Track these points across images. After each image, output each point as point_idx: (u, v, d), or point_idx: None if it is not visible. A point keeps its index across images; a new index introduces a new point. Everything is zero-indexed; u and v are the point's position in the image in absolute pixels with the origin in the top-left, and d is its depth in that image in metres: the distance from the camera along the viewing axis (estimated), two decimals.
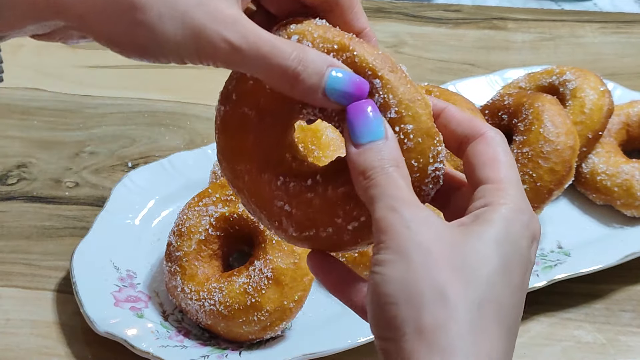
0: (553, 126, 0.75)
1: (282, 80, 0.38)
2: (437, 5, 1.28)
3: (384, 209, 0.36)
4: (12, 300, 0.74)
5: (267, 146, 0.41)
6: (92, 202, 0.86)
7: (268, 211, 0.42)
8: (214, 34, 0.37)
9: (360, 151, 0.38)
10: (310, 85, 0.38)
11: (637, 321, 0.71)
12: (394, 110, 0.39)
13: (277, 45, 0.38)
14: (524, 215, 0.38)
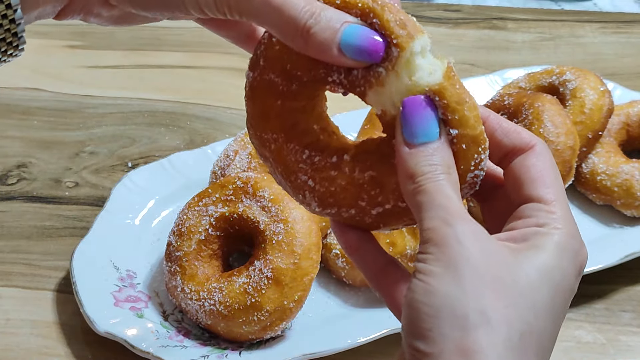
0: (553, 126, 0.75)
1: (295, 34, 0.37)
2: (437, 5, 1.28)
3: (435, 220, 0.35)
4: (12, 300, 0.74)
5: (294, 114, 0.40)
6: (92, 202, 0.86)
7: (292, 183, 0.41)
8: None
9: (412, 152, 0.37)
10: (323, 39, 0.37)
11: (637, 321, 0.71)
12: (440, 112, 0.37)
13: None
14: (575, 243, 0.37)
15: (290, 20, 0.37)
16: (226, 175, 0.75)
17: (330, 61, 0.38)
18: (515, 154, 0.40)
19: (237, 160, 0.77)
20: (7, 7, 0.36)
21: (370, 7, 0.38)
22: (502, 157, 0.40)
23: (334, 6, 0.38)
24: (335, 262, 0.72)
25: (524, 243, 0.36)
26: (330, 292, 0.73)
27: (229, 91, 1.03)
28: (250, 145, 0.78)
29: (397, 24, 0.38)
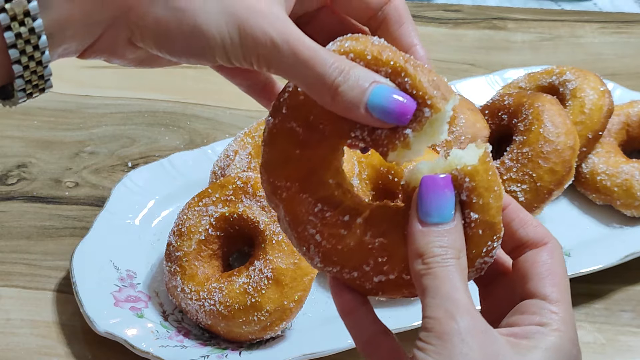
0: (553, 126, 0.75)
1: (322, 90, 0.37)
2: (437, 5, 1.28)
3: (440, 310, 0.35)
4: (12, 300, 0.74)
5: (312, 165, 0.40)
6: (92, 202, 0.86)
7: (299, 234, 0.41)
8: (256, 27, 0.36)
9: (425, 230, 0.37)
10: (351, 98, 0.36)
11: (637, 321, 0.71)
12: (465, 194, 0.37)
13: (319, 53, 0.37)
14: (573, 349, 0.38)
15: (319, 76, 0.36)
16: (226, 175, 0.75)
17: (356, 120, 0.38)
18: (527, 246, 0.40)
19: (237, 160, 0.77)
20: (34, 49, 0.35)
21: (402, 66, 0.38)
22: (514, 247, 0.41)
23: (364, 62, 0.38)
24: None
25: (526, 341, 0.37)
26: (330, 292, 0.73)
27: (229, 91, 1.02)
28: (250, 145, 0.78)
29: (431, 85, 0.38)
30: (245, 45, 0.37)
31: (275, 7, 0.37)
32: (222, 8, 0.36)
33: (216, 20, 0.36)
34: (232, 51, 0.37)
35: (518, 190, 0.74)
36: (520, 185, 0.74)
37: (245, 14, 0.36)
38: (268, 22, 0.36)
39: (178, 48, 0.38)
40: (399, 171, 0.72)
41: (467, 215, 0.38)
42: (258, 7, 0.37)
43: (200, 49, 0.37)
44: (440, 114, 0.38)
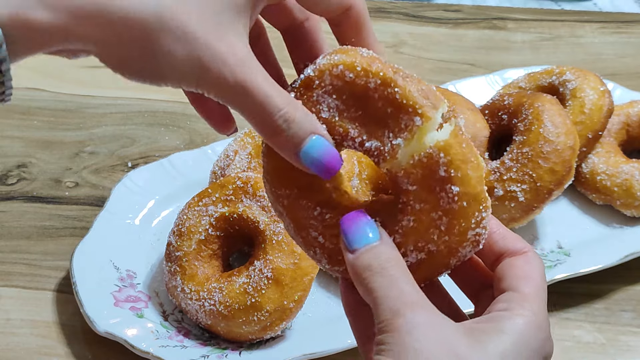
0: (553, 126, 0.75)
1: (267, 130, 0.39)
2: (437, 5, 1.28)
3: (387, 312, 0.36)
4: (12, 300, 0.74)
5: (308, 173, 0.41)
6: (92, 202, 0.86)
7: (304, 239, 0.42)
8: (216, 72, 0.38)
9: (356, 256, 0.39)
10: (288, 145, 0.39)
11: (637, 321, 0.71)
12: (442, 169, 0.38)
13: (271, 98, 0.38)
14: (540, 333, 0.37)
15: (266, 119, 0.39)
16: (226, 175, 0.75)
17: (289, 160, 0.40)
18: (507, 256, 0.41)
19: (237, 160, 0.77)
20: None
21: (391, 77, 0.39)
22: (495, 259, 0.41)
23: (354, 74, 0.39)
24: None
25: (488, 324, 0.37)
26: (330, 292, 0.73)
27: None
28: (250, 145, 0.78)
29: (420, 94, 0.39)
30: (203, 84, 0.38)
31: (239, 49, 0.38)
32: (186, 52, 0.37)
33: (178, 65, 0.38)
34: (187, 87, 0.39)
35: (518, 190, 0.74)
36: (520, 185, 0.74)
37: (208, 59, 0.37)
38: (228, 68, 0.38)
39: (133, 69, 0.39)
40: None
41: (448, 190, 0.38)
42: (222, 53, 0.38)
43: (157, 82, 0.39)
44: (431, 122, 0.38)
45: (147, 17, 0.36)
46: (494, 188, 0.76)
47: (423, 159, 0.38)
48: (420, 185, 0.39)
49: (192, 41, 0.37)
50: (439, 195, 0.39)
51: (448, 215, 0.39)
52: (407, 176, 0.39)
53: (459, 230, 0.39)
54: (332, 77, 0.40)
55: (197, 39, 0.37)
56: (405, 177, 0.39)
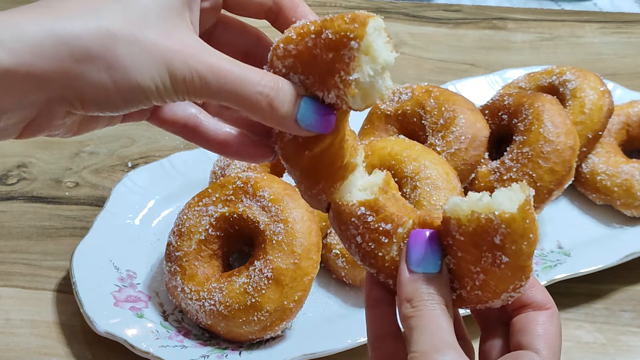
0: (553, 126, 0.75)
1: (258, 108, 0.40)
2: (437, 5, 1.28)
3: (426, 344, 0.38)
4: (12, 300, 0.74)
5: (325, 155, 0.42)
6: (92, 202, 0.86)
7: (342, 232, 0.43)
8: (182, 66, 0.39)
9: (413, 277, 0.40)
10: (283, 114, 0.40)
11: (637, 321, 0.71)
12: (499, 237, 0.38)
13: (245, 74, 0.40)
14: None
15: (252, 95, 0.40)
16: (226, 175, 0.75)
17: (289, 131, 0.41)
18: (530, 307, 0.43)
19: (237, 160, 0.77)
20: None
21: (320, 25, 0.40)
22: (518, 306, 0.43)
23: (293, 43, 0.40)
24: (335, 262, 0.72)
25: None
26: (330, 292, 0.73)
27: None
28: None
29: (347, 22, 0.39)
30: (176, 85, 0.39)
31: (194, 41, 0.40)
32: (150, 57, 0.39)
33: (148, 71, 0.39)
34: (166, 93, 0.40)
35: None
36: None
37: (171, 57, 0.39)
38: (192, 58, 0.39)
39: (119, 105, 0.40)
40: (399, 171, 0.72)
41: (497, 256, 0.39)
42: (180, 47, 0.39)
43: (138, 100, 0.40)
44: (366, 37, 0.39)
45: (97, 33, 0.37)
46: (494, 188, 0.76)
47: (482, 220, 0.38)
48: (469, 238, 0.39)
49: (149, 45, 0.38)
50: (484, 254, 0.39)
51: (487, 275, 0.39)
52: (459, 226, 0.39)
53: (493, 291, 0.40)
54: (280, 58, 0.41)
55: (152, 42, 0.38)
56: (457, 226, 0.39)
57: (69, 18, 0.37)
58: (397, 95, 0.82)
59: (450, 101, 0.79)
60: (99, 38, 0.38)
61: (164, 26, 0.39)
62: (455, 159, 0.75)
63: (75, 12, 0.38)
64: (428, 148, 0.75)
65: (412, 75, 1.08)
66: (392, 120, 0.82)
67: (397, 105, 0.81)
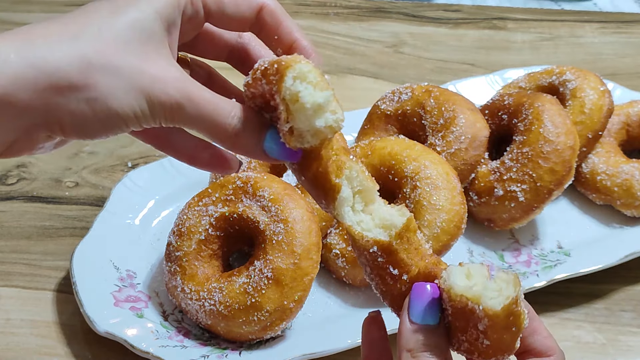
0: (553, 126, 0.75)
1: (224, 137, 0.42)
2: (437, 5, 1.28)
3: None
4: (12, 300, 0.74)
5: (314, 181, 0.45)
6: (92, 202, 0.86)
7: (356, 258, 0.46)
8: (160, 93, 0.40)
9: (413, 328, 0.42)
10: (251, 143, 0.42)
11: (637, 321, 0.71)
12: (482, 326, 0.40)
13: (219, 104, 0.42)
14: None
15: (220, 125, 0.42)
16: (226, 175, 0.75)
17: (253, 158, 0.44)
18: (533, 354, 0.44)
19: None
20: None
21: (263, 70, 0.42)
22: (521, 352, 0.44)
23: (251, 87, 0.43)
24: (335, 262, 0.72)
25: None
26: (330, 292, 0.73)
27: None
28: None
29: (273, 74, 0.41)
30: (154, 112, 0.41)
31: (173, 69, 0.41)
32: (128, 86, 0.40)
33: (125, 99, 0.40)
34: (144, 119, 0.41)
35: (518, 190, 0.74)
36: (520, 185, 0.74)
37: (149, 84, 0.40)
38: (170, 86, 0.40)
39: (97, 132, 0.41)
40: (399, 171, 0.72)
41: (480, 338, 0.40)
42: (159, 75, 0.40)
43: (117, 127, 0.41)
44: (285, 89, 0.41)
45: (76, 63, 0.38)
46: (494, 188, 0.76)
47: (469, 305, 0.40)
48: (458, 313, 0.41)
49: (128, 74, 0.39)
50: (470, 330, 0.41)
51: (472, 345, 0.41)
52: (450, 300, 0.41)
53: (478, 357, 0.41)
54: (248, 98, 0.43)
55: (131, 70, 0.39)
56: (448, 299, 0.41)
57: (48, 47, 0.38)
58: (397, 95, 0.82)
59: (450, 101, 0.79)
60: (78, 68, 0.38)
61: (143, 53, 0.40)
62: (455, 159, 0.75)
63: (54, 39, 0.39)
64: (428, 148, 0.75)
65: (412, 75, 1.08)
66: (392, 120, 0.82)
67: (397, 105, 0.81)
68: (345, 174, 0.44)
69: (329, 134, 0.42)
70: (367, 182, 0.46)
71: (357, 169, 0.45)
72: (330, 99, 0.41)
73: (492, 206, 0.76)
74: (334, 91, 0.41)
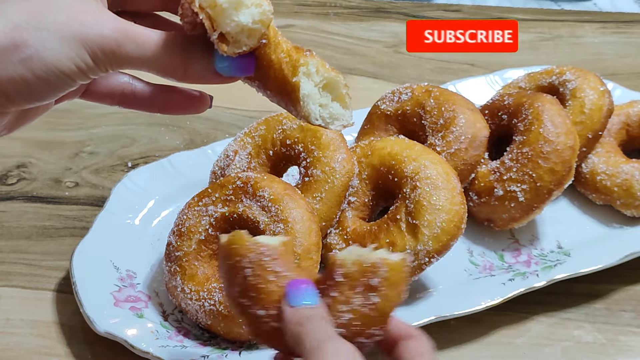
0: (553, 126, 0.75)
1: (173, 68, 0.41)
2: (437, 5, 1.28)
3: (313, 341, 0.41)
4: (12, 300, 0.74)
5: None
6: (92, 202, 0.86)
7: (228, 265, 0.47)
8: (97, 36, 0.39)
9: (294, 310, 0.43)
10: (203, 67, 0.41)
11: (637, 321, 0.71)
12: (377, 279, 0.44)
13: (159, 36, 0.41)
14: None
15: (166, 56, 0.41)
16: (226, 175, 0.75)
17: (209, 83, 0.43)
18: (400, 339, 0.46)
19: (237, 160, 0.77)
20: None
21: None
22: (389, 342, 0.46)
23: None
24: None
25: None
26: None
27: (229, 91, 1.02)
28: (250, 145, 0.78)
29: None
30: (94, 57, 0.39)
31: (106, 13, 0.40)
32: (60, 37, 0.38)
33: (62, 50, 0.39)
34: (88, 69, 0.40)
35: (518, 190, 0.74)
36: (520, 185, 0.74)
37: (83, 30, 0.39)
38: (105, 27, 0.39)
39: (44, 92, 0.40)
40: (399, 171, 0.72)
41: (369, 297, 0.44)
42: (91, 19, 0.39)
43: (63, 83, 0.40)
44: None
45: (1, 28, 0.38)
46: (494, 188, 0.76)
47: (367, 264, 0.43)
48: (348, 279, 0.44)
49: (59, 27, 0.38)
50: (356, 296, 0.44)
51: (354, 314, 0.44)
52: (342, 267, 0.44)
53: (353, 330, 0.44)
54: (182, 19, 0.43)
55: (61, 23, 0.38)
56: (341, 267, 0.44)
57: None
58: (397, 95, 0.82)
59: (450, 101, 0.79)
60: (3, 31, 0.38)
61: (71, 5, 0.39)
62: (455, 159, 0.75)
63: None
64: (428, 148, 0.75)
65: (412, 75, 1.08)
66: (392, 120, 0.82)
67: (397, 106, 0.81)
68: (302, 70, 0.44)
69: (262, 28, 0.41)
70: (330, 73, 0.45)
71: (314, 62, 0.44)
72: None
73: (492, 206, 0.76)
74: None
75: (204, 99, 0.48)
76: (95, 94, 0.48)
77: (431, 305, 0.69)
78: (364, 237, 0.71)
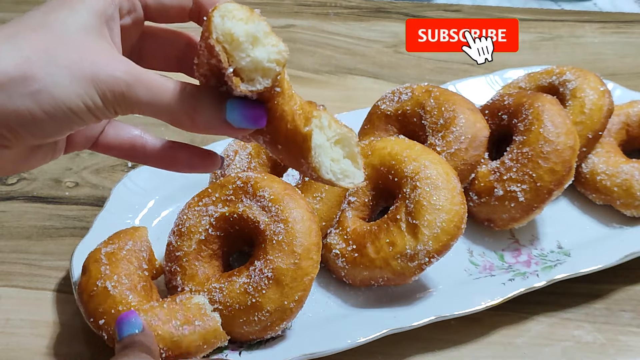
0: (553, 126, 0.75)
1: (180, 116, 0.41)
2: (437, 5, 1.28)
3: None
4: (12, 300, 0.74)
5: None
6: (92, 202, 0.86)
7: None
8: (107, 77, 0.39)
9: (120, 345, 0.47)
10: (213, 117, 0.41)
11: (637, 321, 0.71)
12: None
13: (169, 82, 0.41)
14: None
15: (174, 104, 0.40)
16: (226, 175, 0.75)
17: (219, 134, 0.42)
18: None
19: (237, 160, 0.77)
20: None
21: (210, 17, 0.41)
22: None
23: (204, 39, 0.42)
24: (335, 262, 0.72)
25: None
26: (330, 292, 0.73)
27: None
28: (250, 145, 0.78)
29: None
30: (104, 98, 0.39)
31: (117, 56, 0.40)
32: (70, 74, 0.38)
33: (73, 89, 0.38)
34: (97, 109, 0.39)
35: (518, 190, 0.74)
36: (520, 185, 0.74)
37: (96, 71, 0.39)
38: (116, 69, 0.39)
39: (49, 128, 0.39)
40: (399, 171, 0.72)
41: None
42: (103, 61, 0.39)
43: (70, 121, 0.39)
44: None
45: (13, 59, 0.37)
46: (494, 188, 0.76)
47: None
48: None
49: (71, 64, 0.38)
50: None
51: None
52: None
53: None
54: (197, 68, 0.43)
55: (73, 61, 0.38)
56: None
57: None
58: (397, 95, 0.82)
59: (450, 101, 0.79)
60: (14, 63, 0.37)
61: (84, 45, 0.39)
62: (455, 159, 0.75)
63: None
64: (428, 148, 0.75)
65: (412, 75, 1.08)
66: (392, 120, 0.82)
67: (397, 105, 0.81)
68: (314, 122, 0.43)
69: (276, 67, 0.41)
70: (342, 129, 0.44)
71: (327, 116, 0.44)
72: (266, 30, 0.40)
73: (492, 206, 0.76)
74: (267, 23, 0.40)
75: (215, 159, 0.47)
76: (105, 146, 0.48)
77: (431, 305, 0.69)
78: (364, 237, 0.71)
